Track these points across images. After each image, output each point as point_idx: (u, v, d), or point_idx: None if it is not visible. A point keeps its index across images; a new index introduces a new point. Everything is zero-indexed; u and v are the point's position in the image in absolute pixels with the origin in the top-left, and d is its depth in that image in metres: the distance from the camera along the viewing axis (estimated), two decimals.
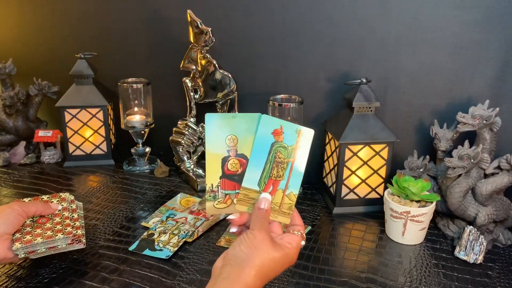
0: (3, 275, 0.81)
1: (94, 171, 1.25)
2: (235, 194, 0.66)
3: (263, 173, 0.65)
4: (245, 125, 0.65)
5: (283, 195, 0.66)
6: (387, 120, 1.08)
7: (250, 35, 1.15)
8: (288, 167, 0.66)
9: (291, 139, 0.65)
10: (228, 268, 0.59)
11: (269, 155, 0.65)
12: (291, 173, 0.66)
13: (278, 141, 0.65)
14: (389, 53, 1.07)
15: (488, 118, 0.90)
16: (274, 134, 0.65)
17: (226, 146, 0.65)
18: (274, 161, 0.65)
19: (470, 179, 0.91)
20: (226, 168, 0.66)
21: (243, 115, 0.66)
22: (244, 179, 0.65)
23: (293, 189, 0.66)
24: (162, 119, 1.28)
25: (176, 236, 0.92)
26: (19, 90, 1.30)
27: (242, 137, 0.65)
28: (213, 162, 0.66)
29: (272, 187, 0.66)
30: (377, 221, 1.01)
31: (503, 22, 0.97)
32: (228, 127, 0.65)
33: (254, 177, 0.65)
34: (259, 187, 0.66)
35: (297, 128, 0.65)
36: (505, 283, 0.81)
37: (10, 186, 1.15)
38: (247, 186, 0.66)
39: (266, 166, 0.65)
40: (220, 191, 0.66)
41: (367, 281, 0.81)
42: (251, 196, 0.66)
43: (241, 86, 1.16)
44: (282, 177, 0.66)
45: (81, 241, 0.80)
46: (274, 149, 0.65)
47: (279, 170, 0.66)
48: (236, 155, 0.66)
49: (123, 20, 1.26)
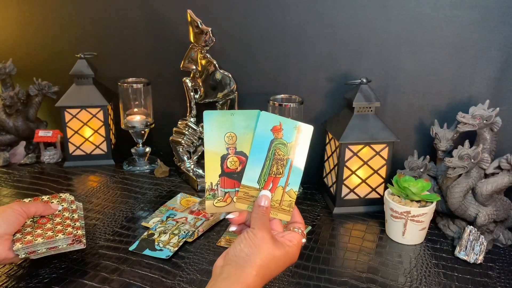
0: (3, 275, 0.81)
1: (94, 171, 1.25)
2: (235, 192, 0.66)
3: (262, 171, 0.65)
4: (244, 122, 0.65)
5: (283, 192, 0.66)
6: (387, 120, 1.08)
7: (250, 35, 1.15)
8: (287, 164, 0.65)
9: (290, 135, 0.65)
10: (229, 267, 0.59)
11: (269, 152, 0.65)
12: (291, 170, 0.65)
13: (277, 138, 0.65)
14: (389, 53, 1.07)
15: (488, 118, 0.90)
16: (273, 130, 0.65)
17: (225, 144, 0.65)
18: (273, 158, 0.65)
19: (471, 179, 0.91)
20: (225, 166, 0.66)
21: (241, 112, 0.65)
22: (244, 177, 0.65)
23: (293, 186, 0.66)
24: (162, 119, 1.28)
25: (176, 236, 0.92)
26: (19, 90, 1.30)
27: (241, 134, 0.65)
28: (212, 160, 0.65)
29: (272, 184, 0.65)
30: (377, 221, 1.01)
31: (503, 22, 0.97)
32: (227, 125, 0.65)
33: (254, 175, 0.65)
34: (259, 185, 0.65)
35: (296, 125, 0.65)
36: (505, 283, 0.81)
37: (10, 186, 1.15)
38: (247, 184, 0.65)
39: (266, 163, 0.65)
40: (220, 190, 0.66)
41: (367, 281, 0.81)
42: (251, 194, 0.66)
43: (241, 86, 1.16)
44: (282, 174, 0.65)
45: (81, 241, 0.80)
46: (274, 146, 0.65)
47: (278, 167, 0.65)
48: (235, 152, 0.65)
49: (123, 20, 1.26)
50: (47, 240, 0.77)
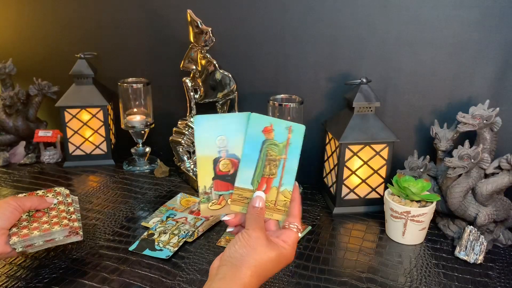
0: (3, 275, 0.81)
1: (94, 171, 1.25)
2: (229, 195, 0.66)
3: (255, 172, 0.65)
4: (235, 125, 0.64)
5: (277, 193, 0.66)
6: (387, 120, 1.08)
7: (250, 35, 1.15)
8: (280, 164, 0.65)
9: (282, 136, 0.65)
10: (224, 268, 0.59)
11: (261, 153, 0.65)
12: (284, 170, 0.65)
13: (268, 139, 0.65)
14: (389, 53, 1.07)
15: (488, 118, 0.90)
16: (264, 132, 0.64)
17: (216, 147, 0.65)
18: (266, 159, 0.65)
19: (471, 179, 0.91)
20: (218, 169, 0.65)
21: (232, 115, 0.66)
22: (237, 179, 0.65)
23: (287, 186, 0.66)
24: (162, 119, 1.28)
25: (176, 236, 0.92)
26: (19, 90, 1.30)
27: (232, 137, 0.65)
28: (204, 164, 0.65)
29: (266, 185, 0.65)
30: (377, 221, 1.01)
31: (503, 22, 0.97)
32: (218, 128, 0.64)
33: (247, 176, 0.65)
34: (253, 186, 0.65)
35: (287, 125, 0.65)
36: (505, 283, 0.81)
37: (10, 186, 1.15)
38: (241, 186, 0.65)
39: (259, 164, 0.65)
40: (214, 193, 0.66)
41: (367, 281, 0.81)
42: (245, 196, 0.66)
43: (241, 86, 1.16)
44: (275, 175, 0.65)
45: (78, 233, 0.80)
46: (265, 146, 0.65)
47: (271, 167, 0.65)
48: (227, 155, 0.65)
49: (123, 20, 1.26)
50: (44, 232, 0.77)
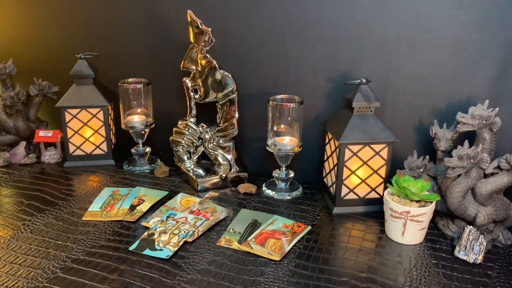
0: (3, 275, 0.81)
1: (94, 171, 1.25)
2: None
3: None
4: None
5: None
6: (387, 120, 1.08)
7: (250, 35, 1.15)
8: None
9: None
10: None
11: None
12: None
13: None
14: (389, 53, 1.07)
15: (488, 118, 0.90)
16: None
17: None
18: None
19: (470, 179, 0.91)
20: None
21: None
22: None
23: None
24: (162, 119, 1.28)
25: (176, 236, 0.92)
26: (19, 90, 1.30)
27: None
28: None
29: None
30: (377, 221, 1.01)
31: (503, 22, 0.97)
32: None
33: None
34: None
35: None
36: (504, 283, 0.81)
37: (10, 186, 1.15)
38: None
39: None
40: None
41: (367, 281, 0.81)
42: None
43: (241, 86, 1.16)
44: None
45: None
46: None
47: None
48: None
49: (123, 20, 1.26)
50: None
